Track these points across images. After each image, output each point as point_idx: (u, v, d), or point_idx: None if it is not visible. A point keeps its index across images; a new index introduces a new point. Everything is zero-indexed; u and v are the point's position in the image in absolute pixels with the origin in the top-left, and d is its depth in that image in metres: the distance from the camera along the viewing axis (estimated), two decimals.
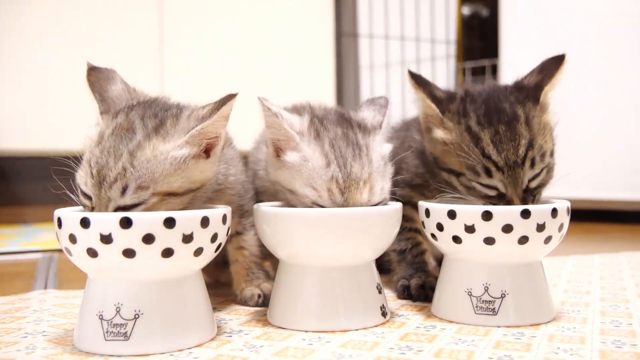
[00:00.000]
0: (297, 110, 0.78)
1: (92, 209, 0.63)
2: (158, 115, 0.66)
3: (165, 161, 0.63)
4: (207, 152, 0.67)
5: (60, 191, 0.66)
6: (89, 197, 0.63)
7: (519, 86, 0.79)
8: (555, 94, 0.78)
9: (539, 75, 0.78)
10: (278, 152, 0.73)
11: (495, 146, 0.72)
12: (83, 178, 0.63)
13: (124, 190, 0.61)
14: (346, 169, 0.69)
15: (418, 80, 0.78)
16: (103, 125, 0.66)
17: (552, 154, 0.76)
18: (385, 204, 0.73)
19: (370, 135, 0.75)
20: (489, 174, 0.72)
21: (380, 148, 0.75)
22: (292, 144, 0.71)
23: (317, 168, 0.70)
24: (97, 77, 0.70)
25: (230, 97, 0.65)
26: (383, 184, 0.73)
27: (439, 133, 0.76)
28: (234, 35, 2.12)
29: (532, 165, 0.73)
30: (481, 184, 0.74)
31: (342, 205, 0.69)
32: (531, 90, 0.77)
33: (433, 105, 0.77)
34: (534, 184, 0.74)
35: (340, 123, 0.74)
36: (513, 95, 0.76)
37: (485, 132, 0.73)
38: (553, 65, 0.78)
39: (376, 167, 0.72)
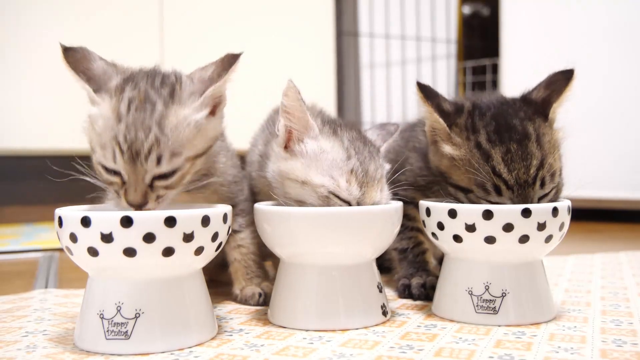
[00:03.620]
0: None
1: (123, 184, 0.63)
2: (166, 82, 0.67)
3: (189, 125, 0.65)
4: (212, 111, 0.69)
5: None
6: (117, 173, 0.63)
7: (526, 100, 0.77)
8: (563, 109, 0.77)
9: (547, 90, 0.76)
10: (289, 142, 0.73)
11: (507, 165, 0.70)
12: (109, 156, 0.63)
13: (159, 160, 0.62)
14: (365, 165, 0.71)
15: (426, 93, 0.75)
16: (112, 101, 0.64)
17: (560, 173, 0.74)
18: None
19: (377, 148, 0.78)
20: (498, 192, 0.71)
21: (384, 164, 0.77)
22: (311, 133, 0.73)
23: (337, 159, 0.71)
24: (74, 57, 0.68)
25: (234, 57, 0.69)
26: (388, 192, 0.75)
27: (447, 148, 0.75)
28: (233, 34, 2.12)
29: (542, 185, 0.71)
30: (490, 202, 0.72)
31: (358, 199, 0.70)
32: (539, 105, 0.75)
33: (440, 120, 0.74)
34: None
35: (352, 128, 0.77)
36: (522, 111, 0.74)
37: (496, 150, 0.71)
38: (561, 81, 0.76)
39: (385, 174, 0.75)
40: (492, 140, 0.72)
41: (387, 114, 2.52)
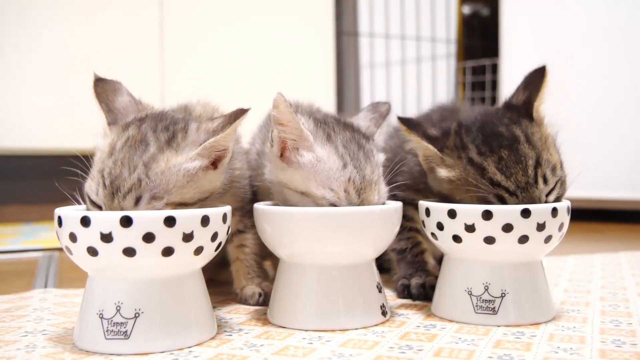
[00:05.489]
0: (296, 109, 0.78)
1: None
2: (169, 128, 0.67)
3: (178, 173, 0.64)
4: (214, 163, 0.68)
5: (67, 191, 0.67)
6: (99, 207, 0.63)
7: (508, 106, 0.77)
8: (549, 102, 0.76)
9: (525, 91, 0.76)
10: (284, 150, 0.72)
11: (503, 172, 0.70)
12: (94, 188, 0.63)
13: (137, 201, 0.62)
14: (361, 170, 0.71)
15: (409, 125, 0.76)
16: (113, 137, 0.66)
17: (561, 166, 0.74)
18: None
19: (370, 141, 0.77)
20: (502, 201, 0.71)
21: (378, 154, 0.76)
22: (306, 143, 0.70)
23: (333, 169, 0.70)
24: (103, 88, 0.71)
25: (242, 112, 0.66)
26: (385, 188, 0.75)
27: (442, 172, 0.74)
28: (233, 34, 2.12)
29: (545, 181, 0.71)
30: None
31: (358, 205, 0.70)
32: (522, 108, 0.75)
33: (430, 146, 0.75)
34: (551, 198, 0.72)
35: (345, 127, 0.75)
36: (507, 117, 0.75)
37: (489, 161, 0.71)
38: (537, 79, 0.76)
39: (380, 171, 0.74)
40: (483, 152, 0.72)
41: None
